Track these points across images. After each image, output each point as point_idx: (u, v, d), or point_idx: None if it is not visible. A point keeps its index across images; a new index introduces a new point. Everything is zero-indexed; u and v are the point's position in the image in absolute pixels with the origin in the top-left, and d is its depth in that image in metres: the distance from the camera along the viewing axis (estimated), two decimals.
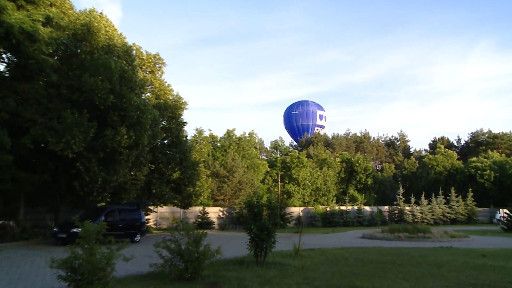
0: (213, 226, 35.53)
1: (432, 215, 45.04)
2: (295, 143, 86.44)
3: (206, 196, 37.54)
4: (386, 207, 46.76)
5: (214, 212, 37.38)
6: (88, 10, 22.31)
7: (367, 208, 45.78)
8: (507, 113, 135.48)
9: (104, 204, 23.57)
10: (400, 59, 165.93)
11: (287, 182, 47.72)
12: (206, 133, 46.86)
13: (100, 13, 22.98)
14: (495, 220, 43.87)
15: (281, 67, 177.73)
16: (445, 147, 61.96)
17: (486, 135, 67.85)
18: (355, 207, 44.44)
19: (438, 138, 72.52)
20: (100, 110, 19.60)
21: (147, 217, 28.87)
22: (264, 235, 11.54)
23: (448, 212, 45.69)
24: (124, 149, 19.85)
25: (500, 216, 41.61)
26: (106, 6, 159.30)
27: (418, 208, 44.94)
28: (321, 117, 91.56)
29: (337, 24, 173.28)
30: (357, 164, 55.09)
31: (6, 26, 16.07)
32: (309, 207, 44.33)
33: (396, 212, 45.19)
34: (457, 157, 58.46)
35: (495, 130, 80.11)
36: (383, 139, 79.02)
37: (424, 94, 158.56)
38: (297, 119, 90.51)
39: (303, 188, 47.44)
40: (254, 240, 11.69)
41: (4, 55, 18.38)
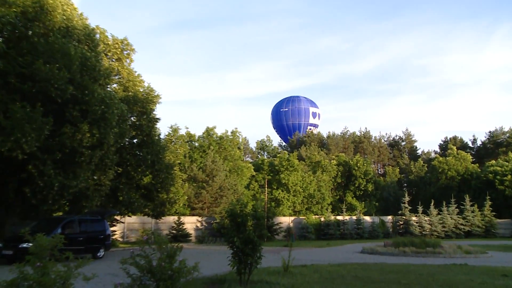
0: (189, 238, 35.44)
1: (443, 227, 45.46)
2: (285, 143, 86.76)
3: (181, 204, 37.43)
4: (390, 217, 47.16)
5: (191, 223, 37.30)
6: None
7: (367, 218, 46.10)
8: None
9: (61, 214, 23.26)
10: (406, 47, 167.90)
11: (275, 188, 47.74)
12: (182, 131, 46.83)
13: None
14: None
15: (268, 56, 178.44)
16: (458, 149, 62.30)
17: (507, 135, 67.29)
18: (354, 217, 44.71)
19: (450, 138, 73.15)
20: (57, 103, 19.31)
21: (112, 228, 28.66)
22: (249, 249, 11.49)
23: (461, 224, 46.00)
24: (86, 149, 19.65)
25: None
26: None
27: (427, 218, 45.38)
28: (314, 115, 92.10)
29: (333, 6, 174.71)
30: (355, 168, 55.50)
31: None
32: (300, 217, 44.43)
33: (401, 223, 45.60)
34: (472, 160, 58.85)
35: None
36: (386, 139, 79.83)
37: (434, 87, 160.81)
38: (287, 117, 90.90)
39: (294, 195, 47.55)
40: (237, 255, 11.64)
41: None
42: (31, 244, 7.10)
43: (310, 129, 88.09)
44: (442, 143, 74.18)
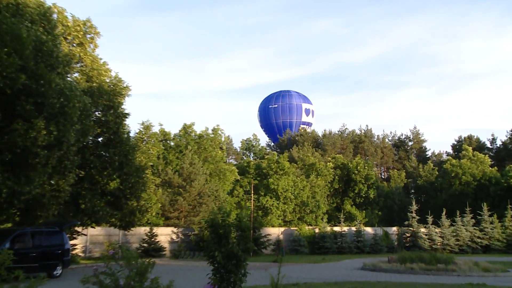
0: (163, 253, 35.40)
1: (457, 240, 45.82)
2: (274, 143, 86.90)
3: (154, 213, 37.32)
4: (395, 229, 47.46)
5: (165, 235, 37.27)
6: None
7: (369, 229, 46.36)
8: None
9: (10, 225, 23.04)
10: (414, 32, 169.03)
11: (262, 194, 47.76)
12: (156, 128, 46.71)
13: None
14: None
15: (255, 42, 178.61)
16: (474, 150, 62.54)
17: None
18: (353, 228, 44.93)
19: (465, 138, 73.64)
20: (7, 95, 19.09)
21: (72, 242, 28.45)
22: (232, 265, 11.47)
23: (478, 237, 46.25)
24: (41, 149, 19.45)
25: None
26: None
27: (438, 230, 45.74)
28: (307, 112, 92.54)
29: None
30: (355, 171, 55.77)
31: None
32: (292, 228, 44.51)
33: (408, 235, 45.91)
34: (490, 162, 59.25)
35: None
36: (390, 138, 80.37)
37: (447, 79, 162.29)
38: (276, 114, 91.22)
39: (284, 203, 47.61)
40: (219, 272, 11.60)
41: None
42: None
43: (303, 128, 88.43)
44: (455, 143, 74.81)
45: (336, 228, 44.58)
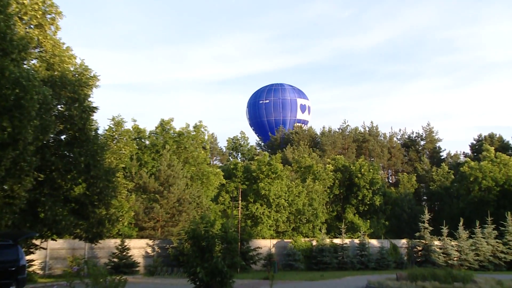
0: (137, 269, 35.40)
1: (477, 255, 46.10)
2: (265, 142, 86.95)
3: (126, 223, 37.31)
4: (404, 241, 47.67)
5: (138, 248, 37.28)
6: None
7: (374, 242, 46.55)
8: None
9: None
10: (427, 15, 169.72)
11: (252, 201, 47.81)
12: (128, 124, 46.60)
13: None
14: None
15: (243, 26, 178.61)
16: (496, 150, 62.59)
17: None
18: (356, 241, 45.10)
19: (485, 136, 74.08)
20: None
21: (29, 257, 28.20)
22: (217, 282, 11.48)
23: (502, 251, 46.57)
24: None
25: None
26: None
27: (454, 243, 45.95)
28: (303, 108, 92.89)
29: None
30: (358, 175, 55.90)
31: None
32: (285, 240, 44.61)
33: (420, 248, 46.10)
34: None
35: None
36: (399, 137, 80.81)
37: (464, 68, 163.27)
38: (267, 111, 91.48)
39: (277, 211, 47.70)
40: None
41: None
42: None
43: (298, 125, 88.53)
44: (474, 142, 75.25)
45: (337, 240, 44.70)
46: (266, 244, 43.00)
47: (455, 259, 44.89)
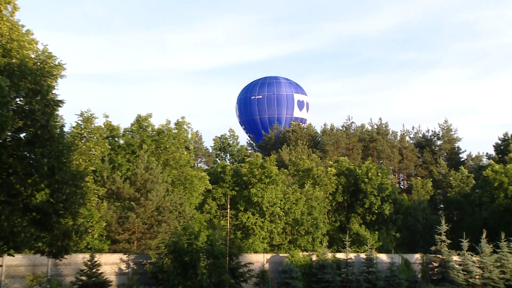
0: None
1: (502, 272, 46.09)
2: (257, 142, 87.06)
3: (97, 235, 37.15)
4: (418, 256, 47.73)
5: (111, 264, 37.00)
6: None
7: (383, 256, 46.57)
8: None
9: None
10: None
11: (242, 209, 47.76)
12: (100, 121, 46.59)
13: None
14: None
15: (232, 8, 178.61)
16: None
17: None
18: (362, 255, 45.11)
19: None
20: None
21: None
22: None
23: None
24: None
25: None
26: None
27: (476, 259, 46.04)
28: (300, 104, 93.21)
29: None
30: (365, 179, 55.97)
31: None
32: (281, 254, 44.57)
33: (436, 265, 46.17)
34: None
35: None
36: (412, 136, 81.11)
37: (488, 57, 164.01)
38: (260, 108, 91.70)
39: (271, 221, 47.70)
40: None
41: None
42: None
43: (296, 123, 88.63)
44: (499, 142, 75.29)
45: (340, 255, 44.69)
46: (258, 259, 42.85)
47: (477, 277, 44.92)
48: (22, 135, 27.79)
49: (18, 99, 26.95)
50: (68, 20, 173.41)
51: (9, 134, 26.04)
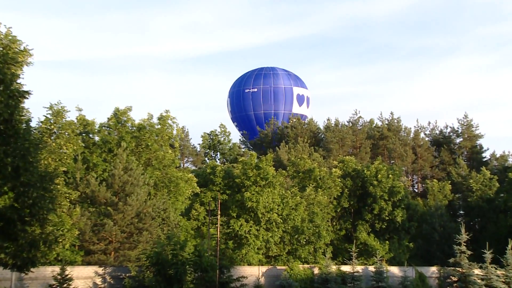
0: None
1: None
2: (252, 139, 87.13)
3: (68, 245, 37.00)
4: (434, 269, 47.93)
5: (85, 278, 37.06)
6: None
7: (394, 269, 46.70)
8: None
9: None
10: None
11: (234, 215, 47.74)
12: (72, 115, 46.51)
13: None
14: None
15: None
16: None
17: None
18: (371, 268, 45.23)
19: None
20: None
21: None
22: None
23: None
24: None
25: None
26: None
27: (500, 272, 46.14)
28: (300, 99, 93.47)
29: None
30: (374, 182, 56.00)
31: None
32: (278, 267, 44.63)
33: (455, 279, 46.27)
34: None
35: None
36: (428, 132, 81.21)
37: None
38: (255, 103, 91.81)
39: (267, 229, 47.66)
40: None
41: None
42: None
43: (295, 120, 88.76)
44: None
45: (346, 268, 44.82)
46: (253, 272, 42.91)
47: None
48: None
49: None
50: (36, 1, 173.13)
51: None
